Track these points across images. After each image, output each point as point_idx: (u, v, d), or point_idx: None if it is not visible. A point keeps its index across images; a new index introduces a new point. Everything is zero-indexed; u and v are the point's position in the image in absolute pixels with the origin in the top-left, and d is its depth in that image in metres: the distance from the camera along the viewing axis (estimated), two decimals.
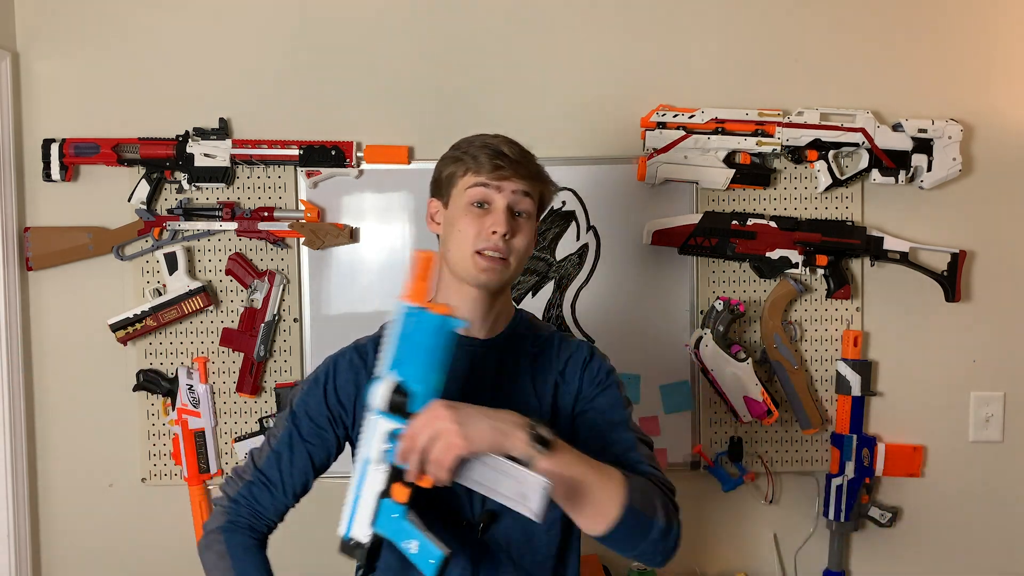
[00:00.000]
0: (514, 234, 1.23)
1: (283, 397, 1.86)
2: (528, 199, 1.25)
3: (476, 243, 1.22)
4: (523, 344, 1.30)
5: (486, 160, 1.24)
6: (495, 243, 1.22)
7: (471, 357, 1.27)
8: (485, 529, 1.23)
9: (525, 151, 1.28)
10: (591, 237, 1.91)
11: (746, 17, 1.91)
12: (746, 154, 1.87)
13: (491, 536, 1.24)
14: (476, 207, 1.24)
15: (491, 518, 1.23)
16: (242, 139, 1.86)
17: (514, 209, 1.24)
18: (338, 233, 1.86)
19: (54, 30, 1.88)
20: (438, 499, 1.21)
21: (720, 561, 1.96)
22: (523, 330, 1.32)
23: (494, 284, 1.24)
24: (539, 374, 1.28)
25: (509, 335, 1.30)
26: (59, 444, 1.90)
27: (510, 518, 1.20)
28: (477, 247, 1.22)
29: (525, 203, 1.25)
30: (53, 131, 1.86)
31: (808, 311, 1.92)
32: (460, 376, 1.25)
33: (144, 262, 1.88)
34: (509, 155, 1.24)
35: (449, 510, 1.24)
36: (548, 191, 1.31)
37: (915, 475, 1.92)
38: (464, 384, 1.25)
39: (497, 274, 1.23)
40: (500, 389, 1.26)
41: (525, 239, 1.25)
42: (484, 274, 1.22)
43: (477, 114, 1.89)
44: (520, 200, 1.24)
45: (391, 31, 1.89)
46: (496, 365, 1.28)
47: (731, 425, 1.92)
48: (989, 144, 1.93)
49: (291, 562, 1.48)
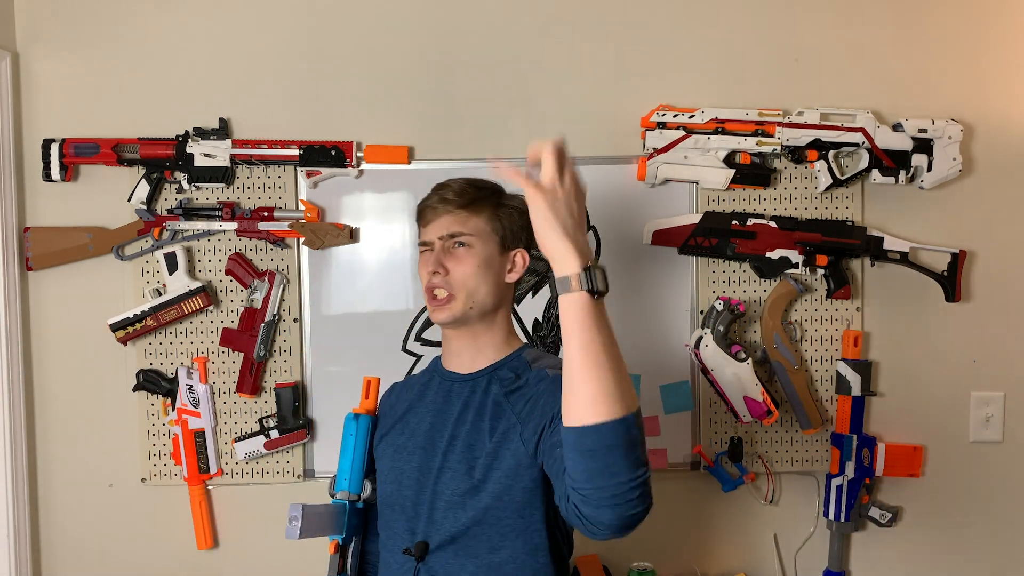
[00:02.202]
0: (448, 269, 1.29)
1: (283, 397, 1.86)
2: (462, 233, 1.30)
3: (424, 286, 1.32)
4: (498, 382, 1.29)
5: (423, 210, 1.36)
6: (428, 282, 1.30)
7: (447, 391, 1.34)
8: (420, 559, 1.26)
9: (467, 186, 1.33)
10: (591, 237, 1.91)
11: (746, 17, 1.91)
12: (746, 154, 1.87)
13: (428, 566, 1.26)
14: (425, 255, 1.34)
15: (424, 549, 1.26)
16: (242, 139, 1.86)
17: (446, 246, 1.30)
18: (338, 233, 1.86)
19: (54, 30, 1.88)
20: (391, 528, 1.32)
21: (720, 561, 1.96)
22: (510, 368, 1.30)
23: (445, 320, 1.30)
24: (503, 415, 1.25)
25: (489, 372, 1.31)
26: (59, 444, 1.90)
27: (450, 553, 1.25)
28: (425, 288, 1.32)
29: (459, 236, 1.30)
30: (53, 131, 1.86)
31: (808, 311, 1.92)
32: (433, 408, 1.34)
33: (144, 262, 1.88)
34: (443, 195, 1.32)
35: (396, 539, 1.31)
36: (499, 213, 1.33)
37: (915, 475, 1.92)
38: (434, 416, 1.33)
39: (445, 311, 1.29)
40: (461, 424, 1.28)
41: (466, 268, 1.29)
42: (434, 313, 1.32)
43: (477, 114, 1.90)
44: (448, 237, 1.30)
45: (391, 31, 1.89)
46: (465, 400, 1.30)
47: (731, 425, 1.92)
48: (989, 144, 1.93)
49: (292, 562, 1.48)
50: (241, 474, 1.90)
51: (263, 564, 1.90)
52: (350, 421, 1.41)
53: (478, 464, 1.24)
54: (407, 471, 1.32)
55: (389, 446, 1.37)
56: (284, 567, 1.89)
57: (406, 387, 1.46)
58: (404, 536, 1.29)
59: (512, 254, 1.34)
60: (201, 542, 1.88)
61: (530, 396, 1.24)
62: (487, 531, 1.23)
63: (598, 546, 1.89)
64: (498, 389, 1.28)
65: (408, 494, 1.30)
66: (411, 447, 1.33)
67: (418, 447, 1.32)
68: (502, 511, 1.23)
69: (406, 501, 1.30)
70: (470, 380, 1.32)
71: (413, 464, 1.31)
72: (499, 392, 1.27)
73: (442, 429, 1.30)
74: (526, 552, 1.24)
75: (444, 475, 1.26)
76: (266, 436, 1.87)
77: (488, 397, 1.28)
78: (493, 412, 1.26)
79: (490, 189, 1.35)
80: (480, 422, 1.26)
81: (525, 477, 1.22)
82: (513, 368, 1.30)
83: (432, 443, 1.30)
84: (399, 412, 1.40)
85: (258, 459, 1.89)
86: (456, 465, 1.26)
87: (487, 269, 1.30)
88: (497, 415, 1.25)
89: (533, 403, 1.22)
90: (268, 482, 1.90)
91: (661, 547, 1.91)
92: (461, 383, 1.33)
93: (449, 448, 1.27)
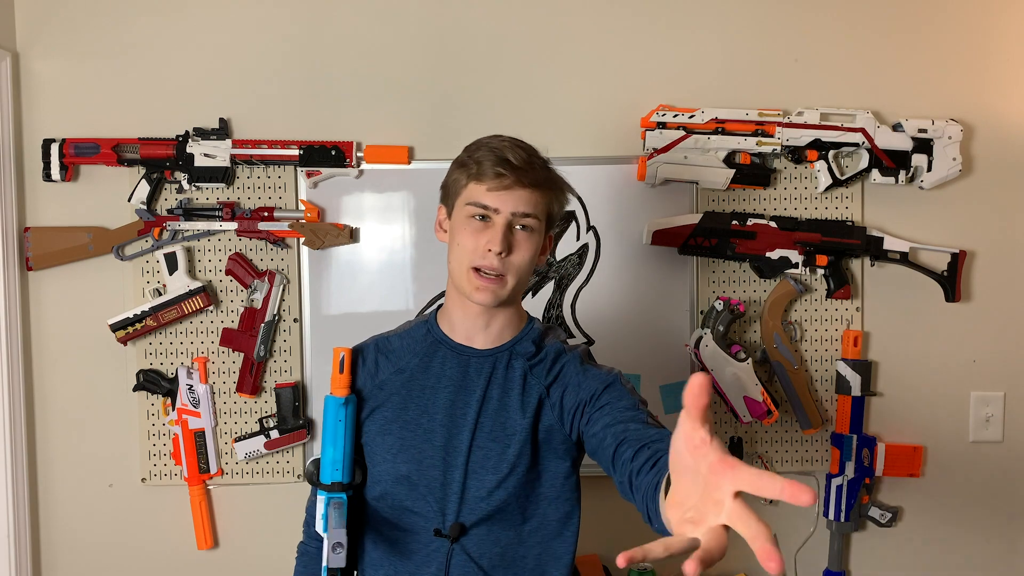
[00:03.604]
0: (512, 250, 1.22)
1: (283, 397, 1.86)
2: (530, 215, 1.22)
3: (473, 259, 1.22)
4: (520, 358, 1.29)
5: (489, 167, 1.21)
6: (490, 262, 1.21)
7: (464, 366, 1.29)
8: (455, 540, 1.24)
9: (533, 156, 1.25)
10: (591, 237, 1.91)
11: (746, 17, 1.91)
12: (746, 154, 1.87)
13: (462, 548, 1.25)
14: (477, 219, 1.23)
15: (460, 530, 1.24)
16: (242, 139, 1.86)
17: (514, 224, 1.22)
18: (338, 233, 1.86)
19: (54, 30, 1.87)
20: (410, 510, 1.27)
21: (720, 561, 1.95)
22: (527, 343, 1.30)
23: (489, 302, 1.23)
24: (529, 388, 1.27)
25: (509, 348, 1.30)
26: (59, 444, 1.90)
27: (484, 530, 1.24)
28: (474, 263, 1.22)
29: (527, 218, 1.22)
30: (53, 131, 1.86)
31: (808, 311, 1.92)
32: (451, 384, 1.29)
33: (144, 262, 1.88)
34: (513, 162, 1.21)
35: (421, 520, 1.27)
36: (558, 198, 1.28)
37: (915, 475, 1.92)
38: (454, 392, 1.28)
39: (491, 293, 1.23)
40: (488, 400, 1.27)
41: (525, 254, 1.23)
42: (478, 293, 1.23)
43: (477, 114, 1.90)
44: (521, 216, 1.22)
45: (391, 31, 1.89)
46: (488, 376, 1.28)
47: (731, 425, 1.92)
48: (989, 144, 1.93)
49: (291, 561, 1.47)
50: (241, 474, 1.90)
51: (263, 564, 1.90)
52: (337, 406, 1.28)
53: (513, 441, 1.24)
54: (427, 450, 1.26)
55: (393, 422, 1.29)
56: (284, 567, 1.89)
57: (383, 353, 1.35)
58: (434, 517, 1.26)
59: (547, 238, 1.30)
60: (201, 542, 1.88)
61: (554, 370, 1.27)
62: (522, 503, 1.25)
63: (598, 546, 1.89)
64: (522, 364, 1.28)
65: (435, 474, 1.25)
66: (428, 424, 1.27)
67: (439, 424, 1.26)
68: (535, 483, 1.25)
69: (433, 482, 1.25)
70: (490, 356, 1.29)
71: (435, 443, 1.26)
72: (524, 366, 1.28)
73: (465, 407, 1.26)
74: (557, 519, 1.26)
75: (476, 454, 1.24)
76: (266, 436, 1.87)
77: (514, 372, 1.27)
78: (521, 387, 1.27)
79: (549, 166, 1.29)
80: (507, 398, 1.26)
81: (559, 448, 1.25)
82: (531, 340, 1.30)
83: (455, 421, 1.26)
84: (392, 384, 1.31)
85: (258, 459, 1.89)
86: (488, 444, 1.24)
87: (537, 255, 1.26)
88: (526, 390, 1.26)
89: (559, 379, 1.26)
90: (268, 482, 1.90)
91: None
92: (480, 359, 1.29)
93: (478, 427, 1.25)
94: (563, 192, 1.29)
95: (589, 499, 1.37)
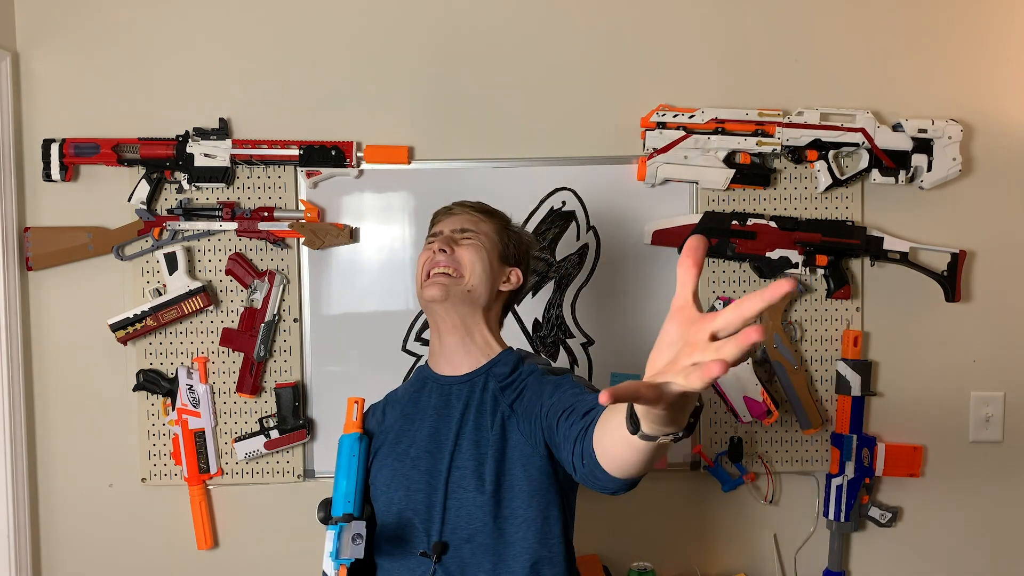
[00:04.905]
0: (455, 250, 1.35)
1: (283, 397, 1.86)
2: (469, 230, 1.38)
3: (424, 269, 1.36)
4: (494, 379, 1.34)
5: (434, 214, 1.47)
6: (436, 260, 1.34)
7: (446, 395, 1.36)
8: (438, 559, 1.27)
9: (480, 204, 1.45)
10: (591, 237, 1.91)
11: (746, 17, 1.91)
12: (746, 154, 1.87)
13: (445, 566, 1.27)
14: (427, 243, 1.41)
15: (443, 548, 1.27)
16: (242, 139, 1.86)
17: (455, 235, 1.37)
18: (338, 233, 1.86)
19: (54, 30, 1.87)
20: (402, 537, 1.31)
21: (720, 561, 1.96)
22: (503, 366, 1.35)
23: (439, 296, 1.32)
24: (498, 407, 1.31)
25: (486, 370, 1.35)
26: (59, 444, 1.90)
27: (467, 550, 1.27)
28: (425, 271, 1.36)
29: (466, 232, 1.38)
30: (53, 131, 1.86)
31: (808, 311, 1.92)
32: (434, 412, 1.36)
33: (144, 262, 1.88)
34: (453, 204, 1.43)
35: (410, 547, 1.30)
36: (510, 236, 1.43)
37: (915, 475, 1.92)
38: (437, 419, 1.34)
39: (440, 287, 1.32)
40: (465, 423, 1.32)
41: (470, 253, 1.35)
42: (428, 289, 1.34)
43: (477, 114, 1.90)
44: (460, 231, 1.38)
45: (391, 31, 1.89)
46: (466, 401, 1.33)
47: (731, 425, 1.92)
48: (989, 144, 1.93)
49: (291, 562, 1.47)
50: (241, 474, 1.90)
51: (263, 564, 1.90)
52: (352, 442, 1.37)
53: (487, 460, 1.27)
54: (414, 476, 1.32)
55: (387, 456, 1.38)
56: (284, 567, 1.90)
57: (390, 403, 1.46)
58: (420, 539, 1.30)
59: (509, 269, 1.42)
60: (201, 542, 1.88)
61: (519, 387, 1.30)
62: (502, 525, 1.26)
63: (598, 546, 1.89)
64: (495, 385, 1.33)
65: (420, 498, 1.31)
66: (415, 453, 1.34)
67: (423, 452, 1.33)
68: (514, 502, 1.26)
69: (418, 505, 1.31)
70: (467, 381, 1.35)
71: (421, 469, 1.32)
72: (496, 387, 1.32)
73: (446, 431, 1.32)
74: (538, 541, 1.26)
75: (455, 474, 1.29)
76: (266, 436, 1.87)
77: (487, 394, 1.32)
78: (492, 407, 1.31)
79: (501, 213, 1.47)
80: (481, 419, 1.31)
81: (531, 466, 1.26)
82: (507, 363, 1.35)
83: (438, 446, 1.32)
84: (392, 425, 1.41)
85: (258, 459, 1.89)
86: (466, 463, 1.28)
87: (488, 265, 1.37)
88: (494, 409, 1.30)
89: (521, 394, 1.29)
90: (268, 482, 1.90)
91: (661, 547, 1.92)
92: (459, 384, 1.36)
93: (456, 448, 1.30)
94: (510, 229, 1.44)
95: (589, 499, 1.37)
